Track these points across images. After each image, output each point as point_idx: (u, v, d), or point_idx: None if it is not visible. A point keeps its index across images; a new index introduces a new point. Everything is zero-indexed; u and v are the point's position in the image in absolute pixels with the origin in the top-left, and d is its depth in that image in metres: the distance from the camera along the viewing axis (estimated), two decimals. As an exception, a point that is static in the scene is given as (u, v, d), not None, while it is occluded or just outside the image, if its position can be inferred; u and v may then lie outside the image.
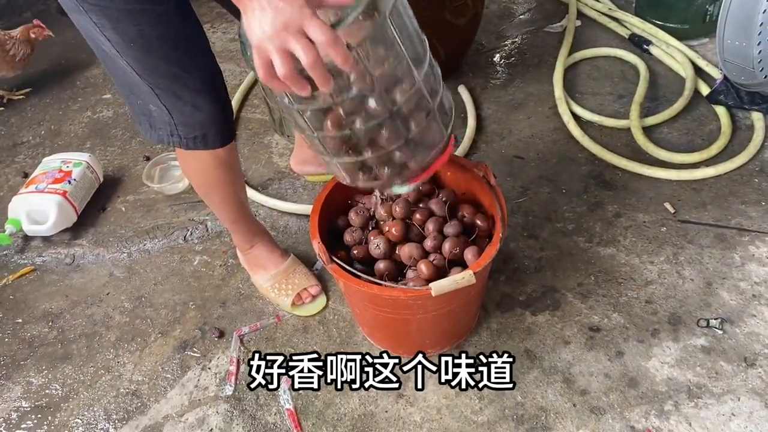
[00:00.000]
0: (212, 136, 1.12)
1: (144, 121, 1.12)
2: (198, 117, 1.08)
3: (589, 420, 1.20)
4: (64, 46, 2.50)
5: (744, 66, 1.70)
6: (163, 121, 1.09)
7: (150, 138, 1.14)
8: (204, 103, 1.07)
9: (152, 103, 1.06)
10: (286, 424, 1.26)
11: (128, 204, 1.82)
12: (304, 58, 0.70)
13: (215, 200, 1.31)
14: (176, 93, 1.04)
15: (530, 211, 1.59)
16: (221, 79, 1.12)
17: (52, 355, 1.45)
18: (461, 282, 1.03)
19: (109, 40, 0.96)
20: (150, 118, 1.10)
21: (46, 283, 1.63)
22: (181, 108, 1.06)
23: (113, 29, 0.94)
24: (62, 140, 2.09)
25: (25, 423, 1.33)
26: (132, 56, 0.98)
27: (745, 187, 1.57)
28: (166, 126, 1.09)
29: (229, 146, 1.19)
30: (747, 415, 1.17)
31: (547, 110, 1.89)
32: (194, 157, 1.17)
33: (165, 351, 1.42)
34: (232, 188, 1.29)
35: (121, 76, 1.05)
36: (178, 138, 1.11)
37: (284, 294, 1.44)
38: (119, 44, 0.96)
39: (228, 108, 1.14)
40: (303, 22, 0.70)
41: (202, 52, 1.07)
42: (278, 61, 0.71)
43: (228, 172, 1.24)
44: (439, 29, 1.82)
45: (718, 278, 1.39)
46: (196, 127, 1.09)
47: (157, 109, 1.07)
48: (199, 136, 1.11)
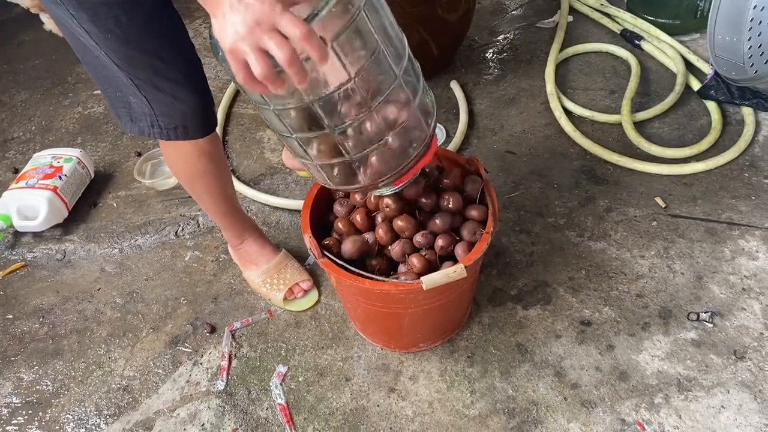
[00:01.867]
0: (193, 126, 1.12)
1: (124, 114, 1.12)
2: (178, 107, 1.07)
3: (580, 413, 1.20)
4: (54, 41, 2.48)
5: (734, 61, 1.70)
6: (143, 112, 1.08)
7: (130, 131, 1.13)
8: (184, 94, 1.06)
9: (132, 94, 1.06)
10: (278, 418, 1.26)
11: (119, 199, 1.81)
12: (279, 55, 0.68)
13: (200, 192, 1.30)
14: (156, 84, 1.03)
15: (522, 205, 1.60)
16: (201, 69, 1.11)
17: (43, 350, 1.45)
18: (452, 276, 1.03)
19: (87, 32, 0.95)
20: (130, 110, 1.10)
21: (37, 278, 1.62)
22: (161, 99, 1.05)
23: (91, 21, 0.94)
24: (53, 136, 2.08)
25: (16, 419, 1.33)
26: (110, 48, 0.97)
27: (735, 182, 1.58)
28: (147, 117, 1.09)
29: (212, 137, 1.18)
30: (736, 407, 1.18)
31: (539, 105, 1.89)
32: (177, 148, 1.17)
33: (156, 346, 1.42)
34: (216, 180, 1.29)
35: (99, 68, 1.05)
36: (159, 129, 1.10)
37: (276, 289, 1.44)
38: (97, 36, 0.96)
39: (208, 98, 1.13)
40: (275, 18, 0.67)
41: (180, 43, 1.06)
42: (254, 61, 0.69)
43: (211, 163, 1.23)
44: (432, 25, 1.82)
45: (709, 272, 1.40)
46: (176, 118, 1.09)
47: (137, 101, 1.06)
48: (180, 126, 1.10)
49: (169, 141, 1.13)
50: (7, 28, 2.69)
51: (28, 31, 2.64)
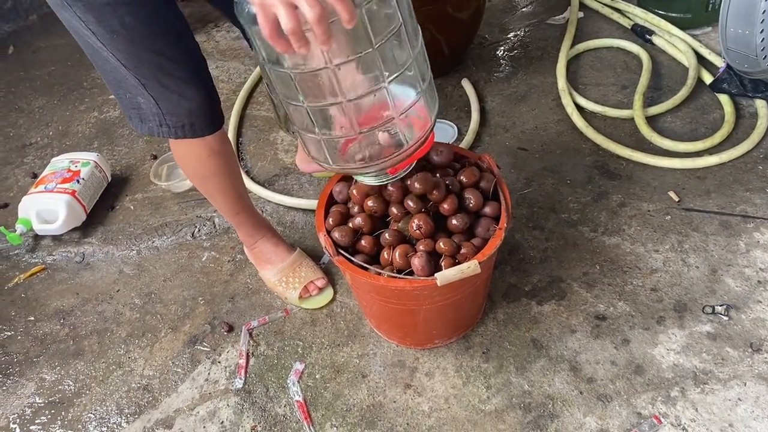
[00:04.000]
0: (200, 123, 1.13)
1: (134, 115, 1.14)
2: (185, 105, 1.09)
3: (596, 407, 1.21)
4: (70, 47, 2.52)
5: (747, 54, 1.69)
6: (151, 112, 1.10)
7: (140, 131, 1.16)
8: (190, 92, 1.08)
9: (140, 95, 1.08)
10: (296, 415, 1.27)
11: (136, 202, 1.84)
12: (309, 13, 0.68)
13: (213, 191, 1.32)
14: (162, 82, 1.06)
15: (535, 202, 1.60)
16: (206, 67, 1.13)
17: (64, 351, 1.47)
18: (466, 271, 1.04)
19: (94, 34, 0.98)
20: (140, 111, 1.12)
21: (57, 281, 1.65)
22: (168, 97, 1.07)
23: (97, 22, 0.96)
24: (70, 140, 2.11)
25: (39, 418, 1.35)
26: (117, 48, 1.00)
27: (749, 175, 1.57)
28: (155, 117, 1.11)
29: (221, 137, 1.21)
30: (753, 400, 1.18)
31: (550, 102, 1.89)
32: (188, 148, 1.19)
33: (175, 346, 1.44)
34: (228, 179, 1.30)
35: (109, 71, 1.07)
36: (167, 128, 1.12)
37: (291, 287, 1.45)
38: (104, 37, 0.98)
39: (214, 95, 1.15)
40: None
41: (185, 41, 1.09)
42: (284, 15, 0.69)
43: (222, 162, 1.25)
44: (442, 23, 1.82)
45: (723, 265, 1.40)
46: (183, 116, 1.11)
47: (145, 101, 1.08)
48: (187, 124, 1.12)
49: (178, 140, 1.15)
50: (23, 35, 2.73)
51: (43, 39, 2.68)
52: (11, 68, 2.55)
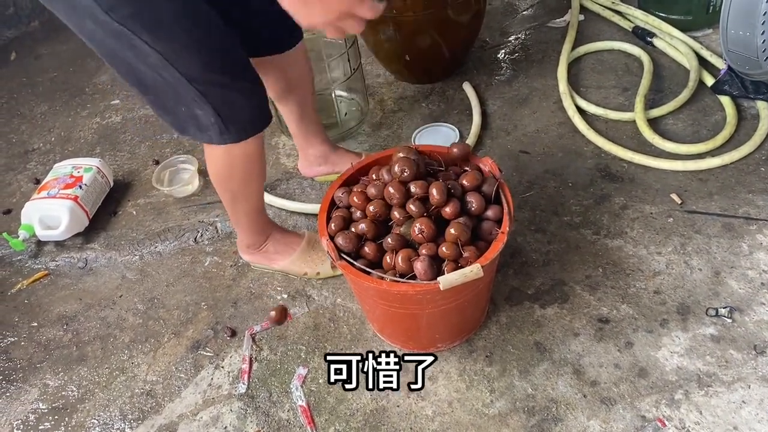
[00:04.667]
0: (260, 118, 1.21)
1: (191, 126, 1.17)
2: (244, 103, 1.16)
3: (600, 410, 1.20)
4: (72, 53, 2.53)
5: (748, 55, 1.70)
6: (209, 122, 1.14)
7: (200, 140, 1.20)
8: (250, 90, 1.17)
9: (198, 107, 1.11)
10: (300, 420, 1.27)
11: (139, 207, 1.84)
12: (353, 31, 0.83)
13: (251, 192, 1.36)
14: (225, 84, 1.11)
15: (537, 205, 1.60)
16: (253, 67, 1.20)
17: (68, 357, 1.48)
18: (469, 275, 1.04)
19: (160, 53, 1.01)
20: (197, 121, 1.15)
21: (60, 287, 1.65)
22: (227, 100, 1.13)
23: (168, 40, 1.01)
24: (72, 146, 2.12)
25: (43, 424, 1.35)
26: (184, 62, 1.04)
27: (751, 177, 1.57)
28: (214, 127, 1.15)
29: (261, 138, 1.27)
30: (758, 402, 1.17)
31: (551, 105, 1.90)
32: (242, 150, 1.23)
33: (178, 351, 1.44)
34: (263, 178, 1.37)
35: (168, 91, 1.10)
36: (228, 134, 1.17)
37: (320, 261, 1.49)
38: (170, 55, 1.02)
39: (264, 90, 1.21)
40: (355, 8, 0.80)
41: (238, 48, 1.15)
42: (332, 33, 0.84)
43: (264, 160, 1.32)
44: (443, 27, 1.83)
45: (726, 267, 1.39)
46: (245, 114, 1.18)
47: (203, 113, 1.12)
48: (248, 121, 1.19)
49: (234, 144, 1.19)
50: (24, 41, 2.74)
51: (45, 45, 2.69)
52: (13, 74, 2.56)
